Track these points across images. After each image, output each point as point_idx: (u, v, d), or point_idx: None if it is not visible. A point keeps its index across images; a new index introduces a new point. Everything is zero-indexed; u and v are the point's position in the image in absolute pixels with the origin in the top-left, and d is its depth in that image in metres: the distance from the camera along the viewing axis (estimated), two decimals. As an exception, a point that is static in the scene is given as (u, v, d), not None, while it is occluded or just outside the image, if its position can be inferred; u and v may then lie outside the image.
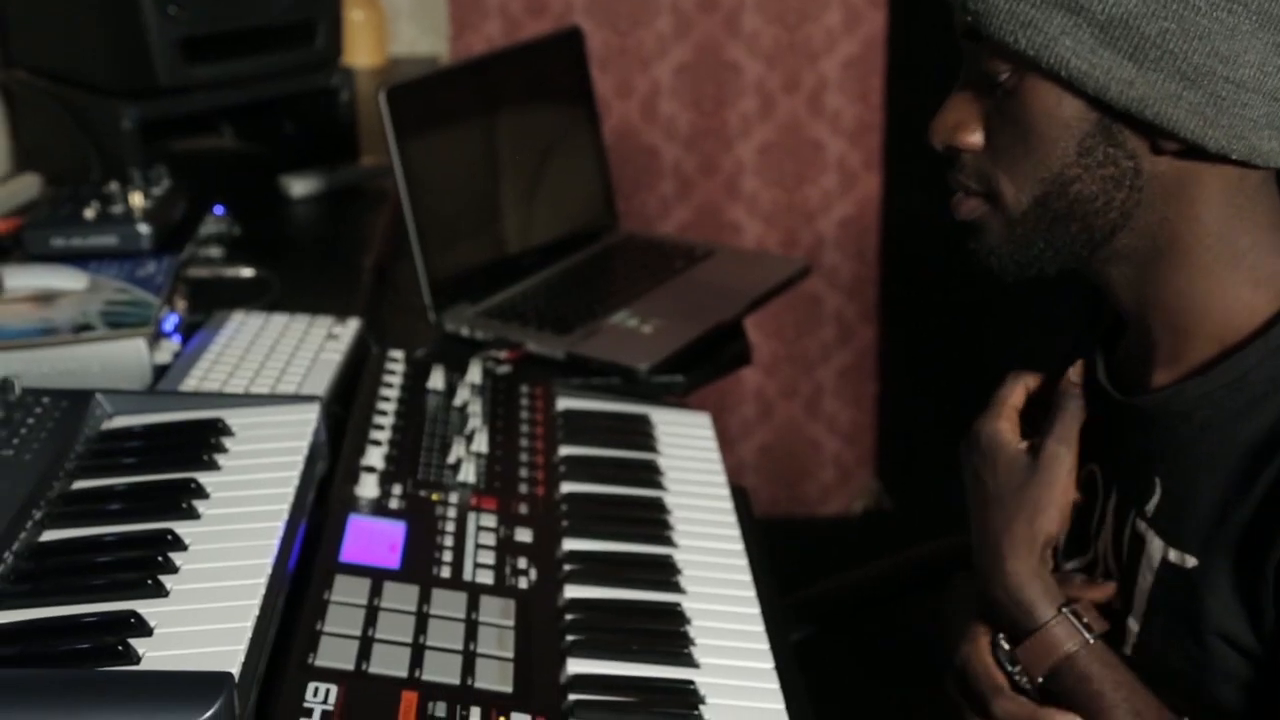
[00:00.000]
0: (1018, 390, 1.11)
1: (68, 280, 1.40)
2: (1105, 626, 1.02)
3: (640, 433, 1.35)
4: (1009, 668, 1.03)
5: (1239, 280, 0.97)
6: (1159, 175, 0.95)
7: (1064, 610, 1.01)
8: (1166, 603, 0.99)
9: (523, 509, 1.18)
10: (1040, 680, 1.01)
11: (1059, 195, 0.96)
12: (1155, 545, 1.00)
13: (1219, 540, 0.95)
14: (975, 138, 0.99)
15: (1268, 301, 0.96)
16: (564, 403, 1.39)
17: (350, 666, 0.92)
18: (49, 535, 0.99)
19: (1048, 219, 0.97)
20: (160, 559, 0.94)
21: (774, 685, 1.02)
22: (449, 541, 1.10)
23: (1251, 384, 0.96)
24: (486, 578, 1.07)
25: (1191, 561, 0.97)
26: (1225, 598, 0.95)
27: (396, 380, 1.32)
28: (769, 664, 1.05)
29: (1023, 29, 0.91)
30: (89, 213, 1.54)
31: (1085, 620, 1.01)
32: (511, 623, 1.02)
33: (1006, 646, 1.04)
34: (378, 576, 1.02)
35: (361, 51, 2.27)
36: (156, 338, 1.33)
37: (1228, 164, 0.94)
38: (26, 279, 1.39)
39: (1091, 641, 1.01)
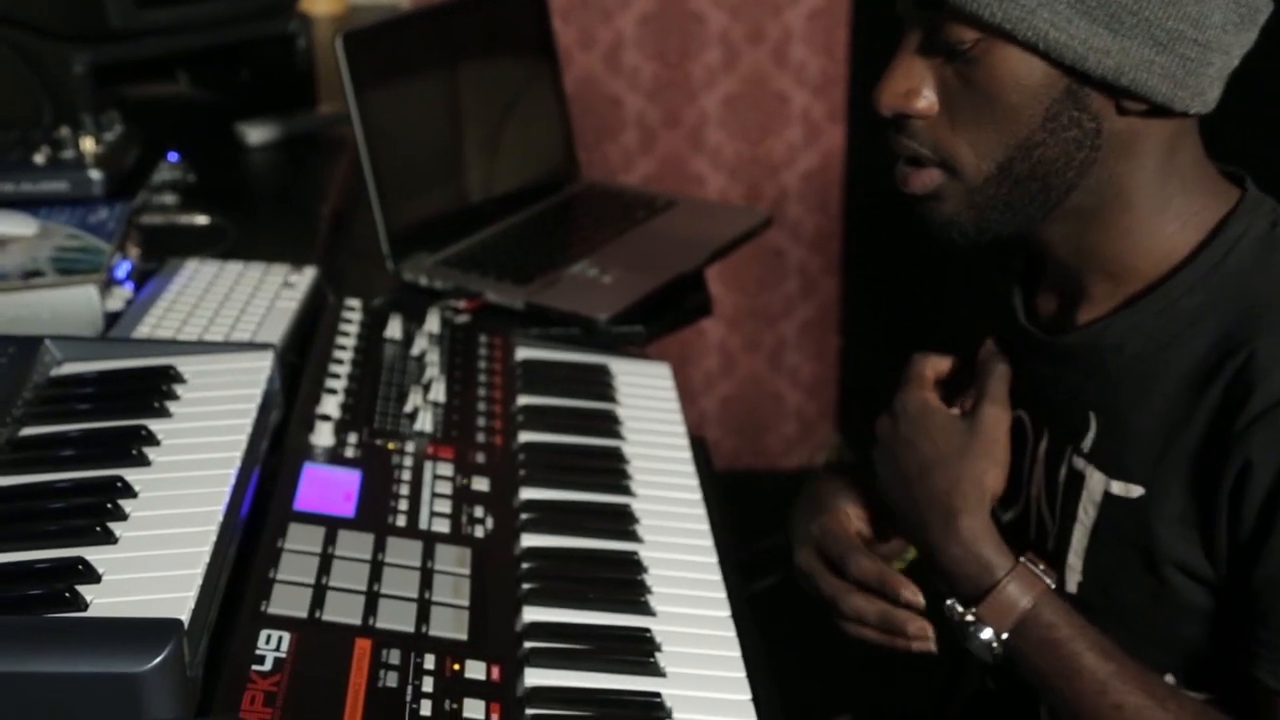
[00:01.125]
0: (929, 365, 1.13)
1: (17, 226, 1.39)
2: (1055, 576, 1.03)
3: (599, 383, 1.35)
4: (970, 627, 1.02)
5: (1168, 221, 0.99)
6: (1115, 133, 0.95)
7: (1021, 560, 1.02)
8: (1114, 535, 1.00)
9: (480, 458, 1.18)
10: (1005, 636, 1.00)
11: (1023, 160, 0.95)
12: (1096, 479, 1.01)
13: (1164, 468, 0.97)
14: (928, 104, 0.97)
15: (1194, 234, 0.98)
16: (523, 352, 1.38)
17: (304, 614, 0.92)
18: (0, 481, 0.98)
19: (1008, 184, 0.96)
20: (109, 506, 0.94)
21: (730, 633, 1.03)
22: (405, 490, 1.10)
23: (1181, 310, 0.97)
24: (443, 526, 1.07)
25: (1137, 491, 0.99)
26: (1176, 525, 0.97)
27: (353, 329, 1.32)
28: (725, 612, 1.06)
29: (998, 1, 0.89)
30: (39, 158, 1.53)
31: (1041, 567, 1.02)
32: (467, 571, 1.02)
33: (961, 609, 1.02)
34: (332, 525, 1.02)
35: (320, -3, 2.25)
36: (108, 285, 1.32)
37: (1173, 117, 0.95)
38: (-25, 225, 1.38)
39: (1051, 586, 1.01)
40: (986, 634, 1.01)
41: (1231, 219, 0.98)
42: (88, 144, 1.55)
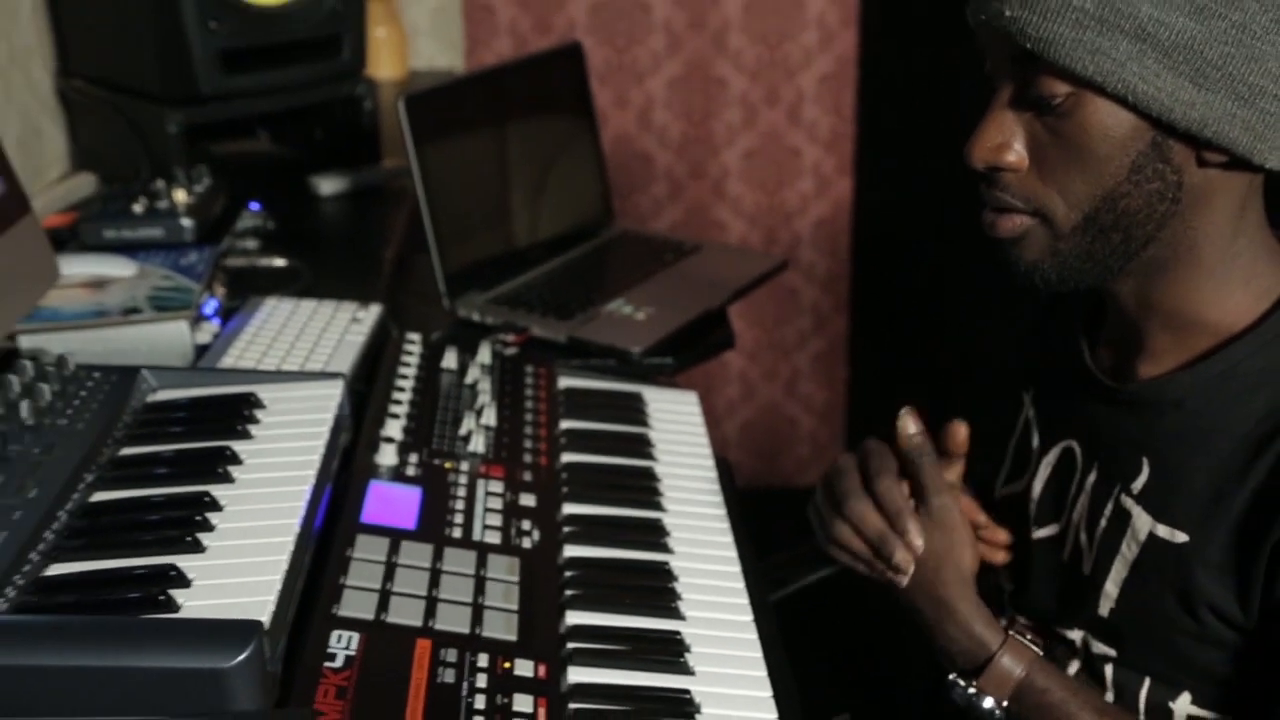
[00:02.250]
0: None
1: (118, 268, 1.40)
2: (1042, 641, 1.03)
3: (634, 409, 1.35)
4: (973, 699, 1.01)
5: (1234, 280, 0.95)
6: (1194, 186, 0.92)
7: (1010, 634, 1.01)
8: (1154, 573, 0.98)
9: (527, 476, 1.18)
10: (1005, 704, 0.99)
11: (1108, 210, 0.91)
12: (1143, 520, 0.98)
13: (1211, 520, 0.94)
14: (1019, 158, 0.93)
15: (1256, 299, 0.95)
16: (565, 381, 1.38)
17: (370, 616, 0.92)
18: (99, 496, 0.98)
19: (1093, 233, 0.92)
20: (198, 518, 0.94)
21: (752, 636, 1.02)
22: (460, 505, 1.10)
23: (1242, 375, 0.94)
24: (494, 538, 1.07)
25: (1182, 537, 0.96)
26: (1215, 573, 0.94)
27: (414, 360, 1.32)
28: (748, 617, 1.05)
29: (1090, 55, 0.86)
30: (138, 208, 1.54)
31: (1029, 637, 1.01)
32: (516, 579, 1.02)
33: (963, 684, 1.01)
34: (395, 536, 1.02)
35: (384, 64, 2.26)
36: (197, 320, 1.33)
37: (1246, 171, 0.92)
38: (81, 267, 1.39)
39: (1039, 658, 1.00)
40: (989, 703, 1.00)
41: None
42: (180, 195, 1.56)
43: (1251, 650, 0.95)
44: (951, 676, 1.02)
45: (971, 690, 1.01)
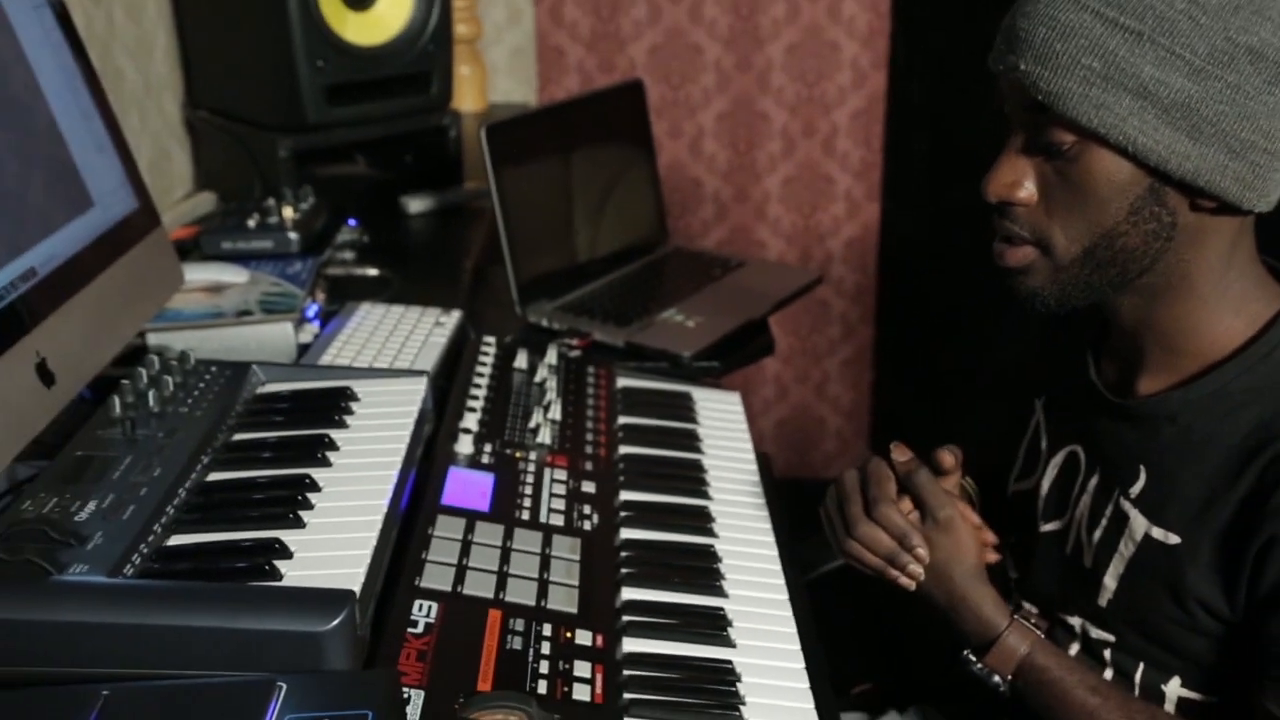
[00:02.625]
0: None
1: (233, 275, 1.41)
2: (1046, 623, 1.02)
3: (684, 407, 1.34)
4: (983, 673, 1.00)
5: (1225, 308, 0.94)
6: (1187, 226, 0.90)
7: (1016, 617, 1.00)
8: (1148, 570, 0.96)
9: (588, 466, 1.17)
10: (1010, 678, 0.99)
11: (1105, 246, 0.90)
12: (1139, 522, 0.97)
13: (1201, 525, 0.93)
14: (1028, 194, 0.92)
15: (1246, 325, 0.93)
16: (622, 381, 1.38)
17: (448, 588, 0.92)
18: (214, 476, 0.99)
19: (1091, 265, 0.91)
20: (300, 497, 0.94)
21: (788, 613, 1.02)
22: (529, 491, 1.09)
23: (1231, 394, 0.93)
24: (558, 520, 1.06)
25: (1174, 539, 0.94)
26: (1204, 571, 0.93)
27: (489, 360, 1.32)
28: (784, 595, 1.04)
29: (1095, 109, 0.85)
30: (251, 223, 1.55)
31: (1032, 621, 1.00)
32: (577, 557, 1.01)
33: (974, 659, 1.00)
34: (471, 517, 1.02)
35: (467, 98, 2.27)
36: (300, 322, 1.33)
37: (1236, 214, 0.91)
38: (201, 274, 1.40)
39: (1042, 639, 0.99)
40: (996, 679, 0.99)
41: None
42: (287, 212, 1.57)
43: (1236, 640, 0.93)
44: (965, 653, 1.01)
45: (980, 666, 1.00)
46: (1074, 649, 1.03)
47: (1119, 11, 0.84)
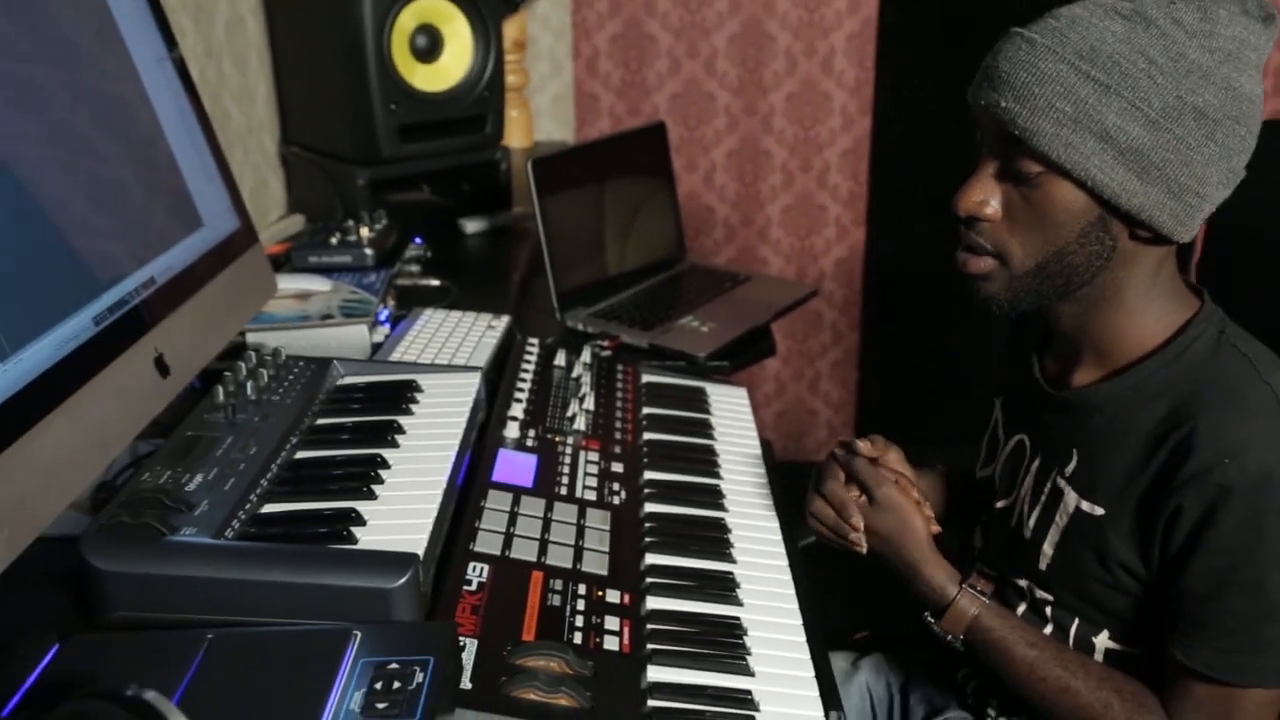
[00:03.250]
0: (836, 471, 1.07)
1: (318, 284, 1.41)
2: (991, 588, 1.01)
3: (699, 400, 1.33)
4: (939, 632, 1.00)
5: (1148, 317, 0.94)
6: (1124, 250, 0.90)
7: (964, 585, 0.99)
8: (1079, 537, 0.96)
9: (617, 449, 1.16)
10: (961, 637, 0.99)
11: (1056, 262, 0.90)
12: (1071, 497, 0.96)
13: (1122, 498, 0.92)
14: (994, 211, 0.91)
15: (1163, 330, 0.93)
16: (647, 377, 1.37)
17: (498, 552, 0.92)
18: (301, 454, 0.99)
19: (1041, 277, 0.91)
20: (372, 473, 0.94)
21: (788, 576, 1.01)
22: (566, 470, 1.09)
23: (1148, 387, 0.92)
24: (591, 495, 1.06)
25: (1100, 511, 0.94)
26: (1124, 538, 0.92)
27: (533, 359, 1.31)
28: (784, 561, 1.03)
29: (1064, 147, 0.85)
30: (333, 240, 1.55)
31: (979, 588, 0.99)
32: (608, 527, 1.01)
33: (931, 620, 1.00)
34: (517, 492, 1.02)
35: (515, 137, 2.27)
36: (374, 325, 1.33)
37: (1166, 244, 0.91)
38: (292, 284, 1.40)
39: (988, 604, 0.98)
40: (950, 637, 0.99)
41: (1193, 323, 0.93)
42: (364, 231, 1.57)
43: (1151, 598, 0.93)
44: (924, 615, 1.01)
45: (936, 628, 1.00)
46: (1022, 608, 1.03)
47: (1091, 65, 0.84)
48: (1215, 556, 0.86)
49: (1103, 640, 0.97)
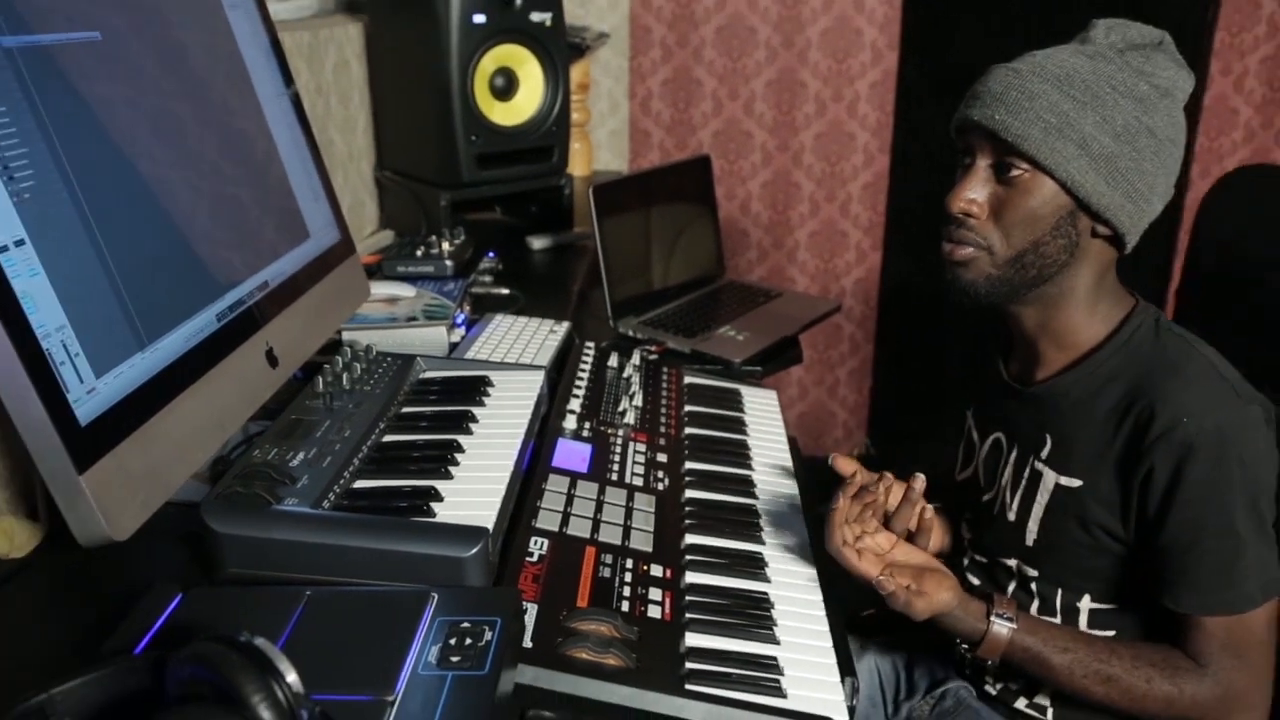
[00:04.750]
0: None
1: (405, 291, 1.42)
2: (1014, 607, 0.93)
3: (734, 400, 1.32)
4: (978, 659, 0.94)
5: (1096, 315, 0.96)
6: (1084, 248, 0.93)
7: (991, 619, 0.93)
8: (1061, 509, 0.96)
9: (662, 441, 1.16)
10: (998, 659, 0.94)
11: (1032, 251, 0.92)
12: (1050, 476, 0.96)
13: (1098, 469, 0.93)
14: (981, 209, 0.93)
15: (1109, 324, 0.96)
16: (689, 379, 1.36)
17: (556, 529, 0.91)
18: (388, 438, 0.99)
19: (1018, 266, 0.93)
20: (449, 456, 0.94)
21: (810, 556, 0.99)
22: (617, 458, 1.08)
23: (1103, 373, 0.94)
24: (639, 481, 1.05)
25: (1078, 483, 0.94)
26: (1103, 504, 0.93)
27: (589, 360, 1.31)
28: (807, 542, 1.01)
29: (1048, 151, 0.88)
30: (419, 253, 1.56)
31: (1007, 615, 0.93)
32: (653, 510, 1.00)
33: (968, 649, 0.95)
34: (574, 476, 1.01)
35: (578, 166, 2.27)
36: (452, 327, 1.33)
37: (1115, 248, 0.94)
38: (383, 289, 1.41)
39: (1016, 626, 0.93)
40: (989, 662, 0.95)
41: (1132, 316, 0.96)
42: (445, 246, 1.58)
43: (1130, 557, 0.93)
44: (964, 646, 0.96)
45: (972, 656, 0.95)
46: (1012, 586, 1.01)
47: (1070, 86, 0.88)
48: (1189, 507, 0.87)
49: (1086, 603, 0.97)
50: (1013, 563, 1.01)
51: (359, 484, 0.89)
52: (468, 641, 0.65)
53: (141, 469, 0.71)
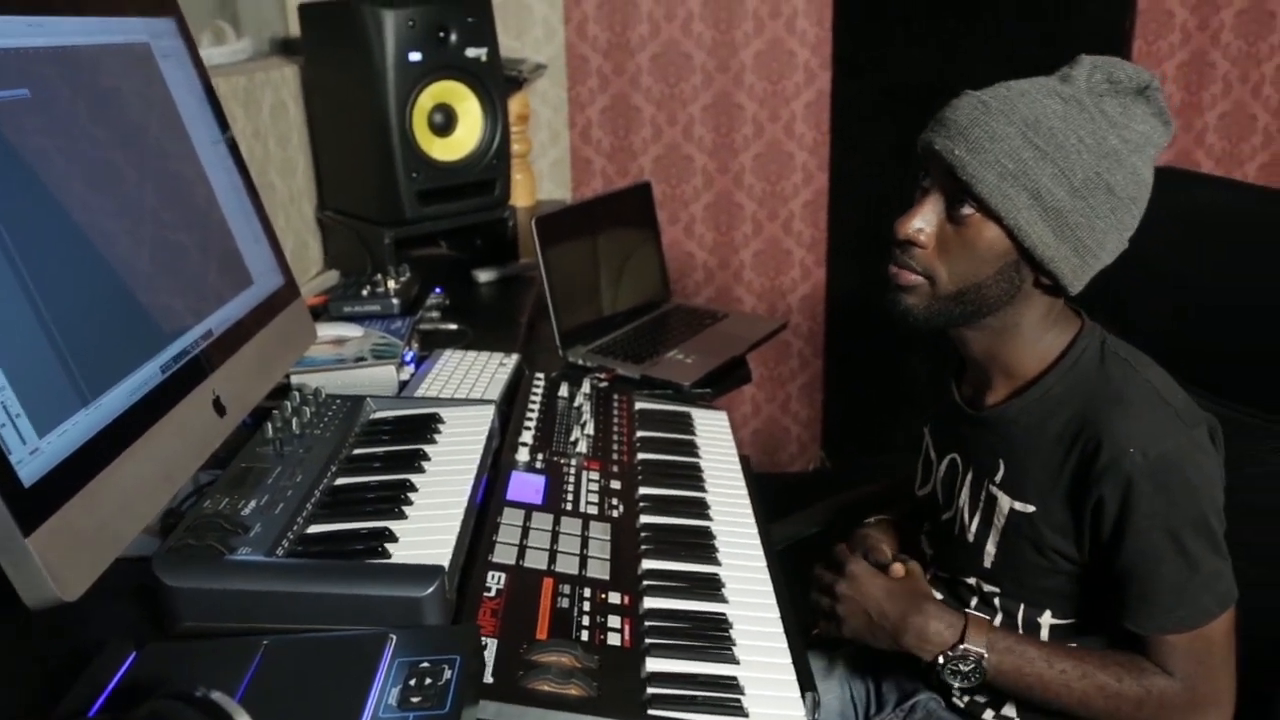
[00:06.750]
0: (853, 547, 1.10)
1: (352, 331, 1.42)
2: (989, 618, 0.97)
3: (685, 424, 1.34)
4: (961, 658, 0.96)
5: (1043, 342, 0.96)
6: (1027, 292, 0.93)
7: (967, 612, 0.96)
8: (1016, 534, 0.97)
9: (615, 469, 1.17)
10: (985, 654, 0.94)
11: (973, 291, 0.92)
12: (1004, 500, 0.97)
13: (1050, 496, 0.94)
14: (928, 239, 0.92)
15: (1055, 350, 0.97)
16: (639, 404, 1.37)
17: (513, 562, 0.92)
18: (340, 481, 0.99)
19: (957, 302, 0.93)
20: (402, 496, 0.95)
21: (766, 576, 1.01)
22: (571, 487, 1.09)
23: (1052, 399, 0.95)
24: (593, 510, 1.06)
25: (1031, 509, 0.95)
26: (1056, 528, 0.94)
27: (539, 391, 1.32)
28: (763, 563, 1.03)
29: (1000, 197, 0.87)
30: (365, 292, 1.56)
31: (982, 641, 0.95)
32: (609, 538, 1.01)
33: (942, 662, 0.96)
34: (529, 509, 1.02)
35: (521, 197, 2.28)
36: (401, 365, 1.34)
37: (1060, 294, 0.94)
38: (329, 331, 1.41)
39: (986, 655, 0.94)
40: (972, 666, 0.95)
41: (1078, 339, 0.96)
42: (390, 284, 1.58)
43: (1083, 576, 0.94)
44: (940, 660, 0.96)
45: (962, 647, 0.94)
46: (974, 602, 1.03)
47: (1034, 134, 0.87)
48: (1140, 536, 0.88)
49: (1046, 619, 0.98)
50: (973, 581, 1.03)
51: (313, 529, 0.89)
52: (427, 681, 0.65)
53: (89, 527, 0.71)
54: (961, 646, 0.95)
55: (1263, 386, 1.07)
